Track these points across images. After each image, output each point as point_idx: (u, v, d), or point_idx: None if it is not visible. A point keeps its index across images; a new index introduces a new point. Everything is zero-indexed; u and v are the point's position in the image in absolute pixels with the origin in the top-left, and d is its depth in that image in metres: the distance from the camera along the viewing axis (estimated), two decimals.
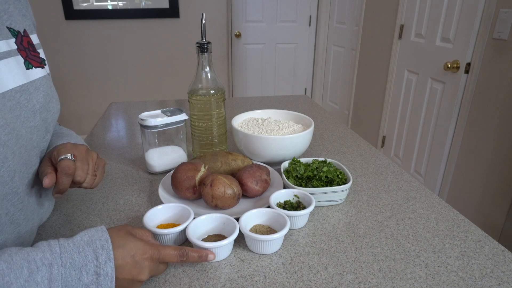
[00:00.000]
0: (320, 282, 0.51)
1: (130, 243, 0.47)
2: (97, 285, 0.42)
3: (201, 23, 0.79)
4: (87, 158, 0.58)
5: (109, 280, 0.43)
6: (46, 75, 0.57)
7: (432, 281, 0.51)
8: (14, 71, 0.49)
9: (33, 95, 0.52)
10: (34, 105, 0.52)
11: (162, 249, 0.50)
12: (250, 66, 3.41)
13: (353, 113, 3.03)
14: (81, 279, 0.41)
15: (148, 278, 0.48)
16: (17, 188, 0.49)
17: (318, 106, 1.41)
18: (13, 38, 0.51)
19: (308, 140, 0.84)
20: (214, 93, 0.83)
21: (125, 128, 1.16)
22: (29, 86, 0.51)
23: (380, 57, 2.52)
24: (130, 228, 0.51)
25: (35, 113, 0.52)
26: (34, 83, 0.53)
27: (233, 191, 0.65)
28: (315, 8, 3.34)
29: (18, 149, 0.48)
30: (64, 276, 0.40)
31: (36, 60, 0.55)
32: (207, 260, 0.52)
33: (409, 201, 0.73)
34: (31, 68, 0.53)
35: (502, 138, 1.56)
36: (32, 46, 0.55)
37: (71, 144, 0.58)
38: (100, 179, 0.61)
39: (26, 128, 0.51)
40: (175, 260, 0.50)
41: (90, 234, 0.45)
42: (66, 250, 0.42)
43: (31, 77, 0.52)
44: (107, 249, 0.44)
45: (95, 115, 3.23)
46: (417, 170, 2.22)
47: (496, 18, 1.56)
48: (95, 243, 0.44)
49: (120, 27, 2.96)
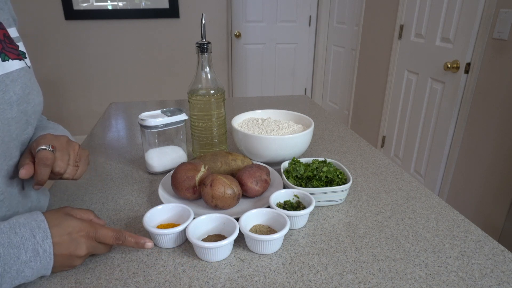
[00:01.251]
0: (320, 282, 0.51)
1: (67, 221, 0.50)
2: (36, 262, 0.45)
3: (201, 23, 0.79)
4: (67, 149, 0.57)
5: (48, 256, 0.46)
6: (25, 67, 0.56)
7: (432, 281, 0.51)
8: None
9: (10, 86, 0.52)
10: (11, 97, 0.52)
11: (99, 228, 0.52)
12: (250, 66, 3.41)
13: (353, 113, 3.03)
14: (19, 257, 0.44)
15: (86, 254, 0.51)
16: None
17: (318, 106, 1.41)
18: None
19: (308, 140, 0.84)
20: (214, 93, 0.83)
21: (125, 128, 1.16)
22: (5, 78, 0.51)
23: (380, 57, 2.52)
24: (69, 209, 0.54)
25: (12, 104, 0.52)
26: (10, 75, 0.52)
27: (233, 191, 0.65)
28: (315, 8, 3.34)
29: None
30: (3, 255, 0.43)
31: (13, 52, 0.55)
32: (144, 247, 0.54)
33: (409, 201, 0.73)
34: (8, 60, 0.53)
35: (502, 138, 1.56)
36: (8, 39, 0.55)
37: (51, 135, 0.58)
38: (84, 170, 0.60)
39: (3, 119, 0.50)
40: (111, 242, 0.53)
41: (25, 217, 0.48)
42: (2, 231, 0.44)
43: (8, 68, 0.52)
44: (44, 228, 0.47)
45: (95, 115, 3.23)
46: (417, 170, 2.22)
47: (496, 18, 1.56)
48: (31, 224, 0.47)
49: (120, 27, 2.96)
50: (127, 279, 0.52)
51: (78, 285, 0.50)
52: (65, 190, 0.77)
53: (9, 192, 0.53)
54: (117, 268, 0.54)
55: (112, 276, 0.52)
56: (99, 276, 0.52)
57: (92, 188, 0.78)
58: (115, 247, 0.58)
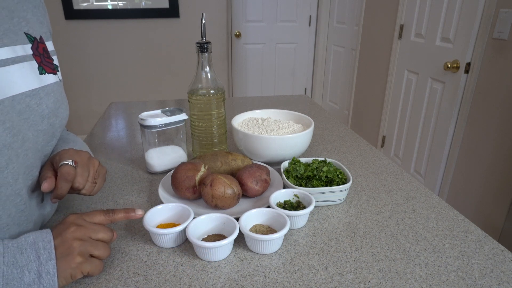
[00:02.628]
0: (320, 282, 0.51)
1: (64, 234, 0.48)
2: (39, 285, 0.43)
3: (201, 23, 0.79)
4: (88, 165, 0.58)
5: (51, 279, 0.44)
6: (58, 81, 0.58)
7: (432, 281, 0.51)
8: (27, 75, 0.51)
9: (44, 100, 0.53)
10: (43, 110, 0.53)
11: (87, 215, 0.52)
12: (250, 66, 3.41)
13: (353, 113, 3.03)
14: (22, 278, 0.42)
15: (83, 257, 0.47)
16: (20, 190, 0.49)
17: (318, 106, 1.41)
18: (29, 43, 0.53)
19: (308, 140, 0.84)
20: (214, 93, 0.83)
21: (125, 128, 1.16)
22: (40, 91, 0.52)
23: (380, 57, 2.52)
24: (74, 218, 0.50)
25: (43, 117, 0.53)
26: (45, 88, 0.54)
27: (233, 191, 0.65)
28: (315, 8, 3.34)
29: (23, 151, 0.49)
30: (6, 274, 0.41)
31: (49, 66, 0.56)
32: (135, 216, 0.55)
33: (409, 201, 0.73)
34: (44, 73, 0.54)
35: (502, 138, 1.56)
36: (47, 53, 0.57)
37: (73, 150, 0.59)
38: (100, 187, 0.61)
39: (33, 131, 0.52)
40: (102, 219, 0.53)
41: (34, 236, 0.46)
42: (10, 250, 0.43)
43: (44, 82, 0.54)
44: (49, 248, 0.45)
45: (95, 115, 3.23)
46: (417, 170, 2.22)
47: (496, 18, 1.56)
48: (37, 245, 0.45)
49: (120, 27, 2.96)
50: (127, 279, 0.52)
51: (78, 285, 0.50)
52: None
53: (30, 203, 0.53)
54: (117, 268, 0.54)
55: (112, 276, 0.52)
56: (99, 276, 0.52)
57: None
58: (114, 246, 0.58)
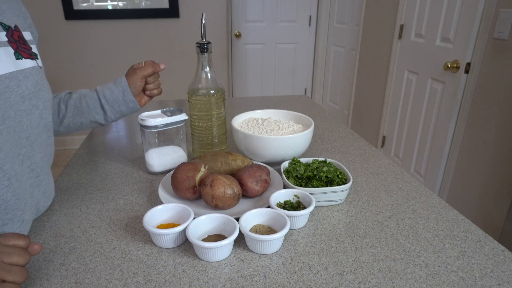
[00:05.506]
0: (320, 282, 0.51)
1: None
2: None
3: (201, 23, 0.79)
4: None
5: None
6: (36, 66, 0.61)
7: (432, 281, 0.51)
8: (3, 60, 0.54)
9: (22, 82, 0.56)
10: (23, 91, 0.56)
11: (2, 236, 0.46)
12: (250, 66, 3.41)
13: (353, 113, 3.03)
14: None
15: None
16: (3, 165, 0.51)
17: (318, 106, 1.41)
18: (3, 31, 0.56)
19: (308, 140, 0.84)
20: (214, 93, 0.83)
21: (125, 128, 1.16)
22: (18, 74, 0.56)
23: (380, 57, 2.52)
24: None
25: (24, 98, 0.56)
26: (23, 72, 0.57)
27: (233, 191, 0.65)
28: (315, 8, 3.34)
29: (5, 128, 0.52)
30: None
31: (26, 52, 0.59)
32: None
33: (409, 201, 0.73)
34: (21, 58, 0.57)
35: (502, 138, 1.56)
36: (22, 40, 0.60)
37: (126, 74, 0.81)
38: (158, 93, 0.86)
39: (16, 111, 0.55)
40: (18, 242, 0.46)
41: None
42: None
43: (21, 66, 0.57)
44: None
45: None
46: (417, 170, 2.22)
47: (496, 18, 1.55)
48: None
49: (120, 27, 2.96)
50: (127, 279, 0.52)
51: (78, 285, 0.50)
52: (66, 190, 0.77)
53: (17, 179, 0.55)
54: (117, 268, 0.54)
55: (112, 276, 0.52)
56: (99, 276, 0.52)
57: (92, 188, 0.78)
58: (114, 246, 0.59)
